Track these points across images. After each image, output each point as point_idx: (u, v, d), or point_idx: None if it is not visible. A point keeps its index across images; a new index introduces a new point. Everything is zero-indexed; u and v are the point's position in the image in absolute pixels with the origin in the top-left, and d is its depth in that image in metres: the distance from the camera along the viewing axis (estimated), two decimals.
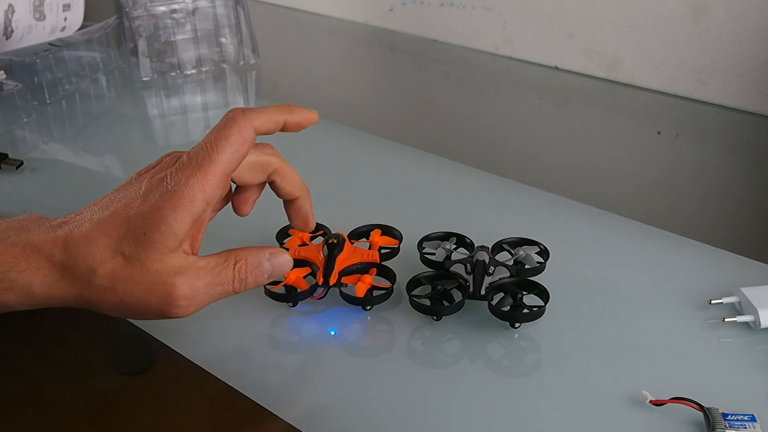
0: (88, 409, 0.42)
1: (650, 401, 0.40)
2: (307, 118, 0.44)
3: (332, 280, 0.47)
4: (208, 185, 0.40)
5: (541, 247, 0.50)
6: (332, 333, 0.47)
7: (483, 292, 0.46)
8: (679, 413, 0.40)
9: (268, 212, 0.59)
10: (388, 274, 0.49)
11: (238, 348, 0.46)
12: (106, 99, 0.86)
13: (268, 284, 0.48)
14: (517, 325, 0.46)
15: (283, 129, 0.44)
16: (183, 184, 0.39)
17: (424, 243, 0.51)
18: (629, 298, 0.49)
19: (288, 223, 0.53)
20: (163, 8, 0.85)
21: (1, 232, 0.41)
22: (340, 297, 0.48)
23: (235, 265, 0.41)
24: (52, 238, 0.40)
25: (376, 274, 0.49)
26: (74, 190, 0.64)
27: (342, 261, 0.48)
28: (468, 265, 0.48)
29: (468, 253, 0.50)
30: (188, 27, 0.87)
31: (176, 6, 0.86)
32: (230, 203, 0.46)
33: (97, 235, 0.39)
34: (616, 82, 0.87)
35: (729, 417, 0.39)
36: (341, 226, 0.52)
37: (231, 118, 0.41)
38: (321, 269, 0.48)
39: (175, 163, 0.40)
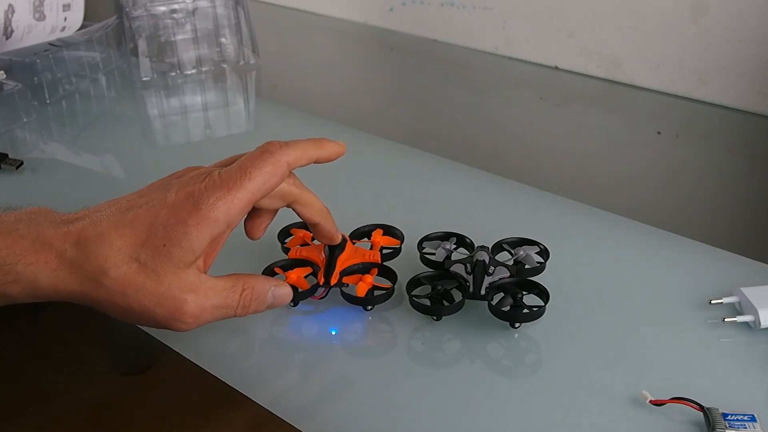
0: (88, 409, 0.42)
1: (650, 401, 0.40)
2: (337, 152, 0.45)
3: (333, 280, 0.47)
4: (233, 209, 0.40)
5: (541, 247, 0.50)
6: (333, 333, 0.47)
7: (483, 292, 0.46)
8: (679, 413, 0.40)
9: None
10: (389, 275, 0.49)
11: (239, 348, 0.46)
12: (106, 99, 0.86)
13: None
14: (517, 325, 0.46)
15: (315, 162, 0.45)
16: (211, 203, 0.39)
17: (424, 243, 0.51)
18: (629, 298, 0.49)
19: (289, 222, 0.54)
20: (163, 8, 0.85)
21: (10, 224, 0.41)
22: (341, 297, 0.48)
23: (242, 292, 0.42)
24: (63, 234, 0.40)
25: (377, 274, 0.49)
26: (74, 190, 0.64)
27: (343, 261, 0.48)
28: (468, 265, 0.48)
29: (468, 253, 0.51)
30: (188, 27, 0.87)
31: (176, 6, 0.86)
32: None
33: (114, 236, 0.39)
34: (616, 82, 0.87)
35: (729, 417, 0.39)
36: (343, 226, 0.52)
37: (267, 150, 0.42)
38: (322, 269, 0.48)
39: (204, 180, 0.41)
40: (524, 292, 0.47)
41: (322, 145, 0.44)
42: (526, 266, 0.49)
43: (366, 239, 0.52)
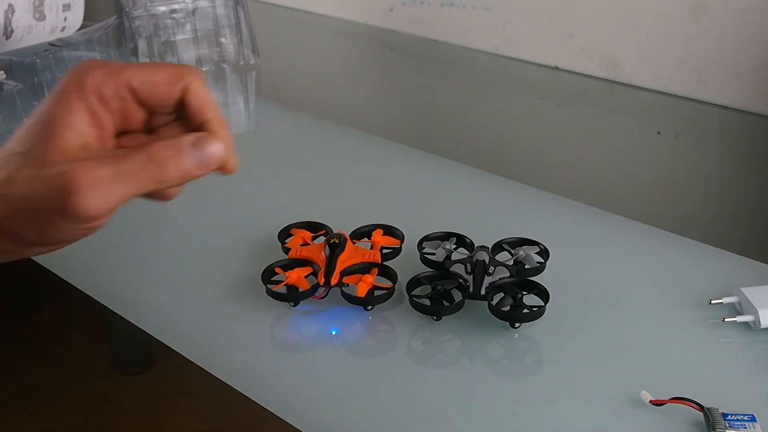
0: (88, 409, 0.42)
1: (650, 401, 0.40)
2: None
3: (334, 280, 0.47)
4: (99, 74, 0.37)
5: (541, 247, 0.50)
6: (333, 333, 0.47)
7: (483, 292, 0.46)
8: (679, 413, 0.40)
9: (269, 212, 0.59)
10: (390, 274, 0.49)
11: (239, 348, 0.46)
12: None
13: (270, 284, 0.48)
14: (517, 325, 0.46)
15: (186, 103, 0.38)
16: (76, 73, 0.37)
17: (424, 243, 0.51)
18: (629, 298, 0.49)
19: (289, 223, 0.54)
20: (163, 8, 0.85)
21: None
22: (342, 297, 0.48)
23: (149, 149, 0.36)
24: None
25: (377, 274, 0.49)
26: None
27: (343, 261, 0.48)
28: (468, 265, 0.48)
29: (468, 253, 0.50)
30: (188, 27, 0.87)
31: (176, 6, 0.86)
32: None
33: (4, 147, 0.37)
34: (616, 82, 0.87)
35: (729, 417, 0.39)
36: (343, 226, 0.52)
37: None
38: (322, 269, 0.48)
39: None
40: (524, 292, 0.47)
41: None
42: (526, 266, 0.49)
43: (366, 239, 0.52)
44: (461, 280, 0.47)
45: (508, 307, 0.46)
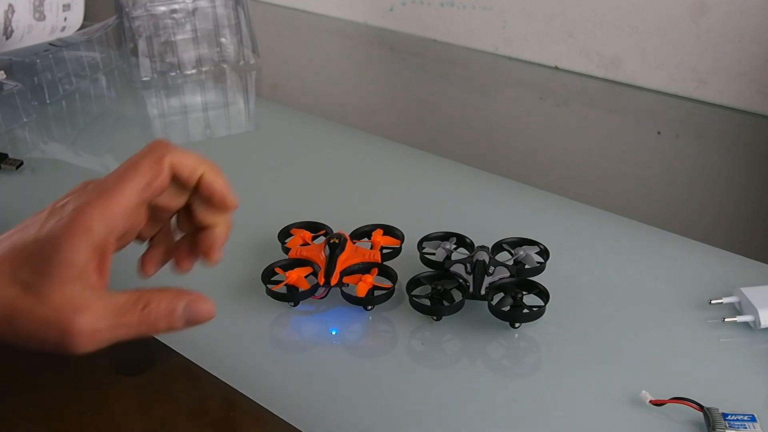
0: (88, 409, 0.42)
1: (650, 401, 0.40)
2: (224, 193, 0.41)
3: (334, 280, 0.47)
4: (109, 214, 0.37)
5: (541, 247, 0.50)
6: (333, 333, 0.47)
7: (483, 292, 0.46)
8: (679, 413, 0.40)
9: (269, 212, 0.59)
10: (390, 274, 0.49)
11: (239, 348, 0.46)
12: (106, 99, 0.86)
13: (270, 284, 0.48)
14: (517, 325, 0.46)
15: (200, 187, 0.40)
16: (81, 211, 0.37)
17: (424, 243, 0.51)
18: (629, 298, 0.49)
19: (289, 223, 0.54)
20: (163, 8, 0.85)
21: None
22: (342, 297, 0.48)
23: (144, 308, 0.37)
24: None
25: (377, 274, 0.49)
26: None
27: (343, 261, 0.48)
28: (468, 265, 0.48)
29: (468, 253, 0.51)
30: (188, 27, 0.87)
31: (176, 6, 0.86)
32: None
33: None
34: (616, 82, 0.87)
35: (729, 417, 0.39)
36: (343, 226, 0.52)
37: (149, 147, 0.39)
38: (322, 269, 0.48)
39: (77, 191, 0.38)
40: (524, 292, 0.47)
41: (213, 167, 0.41)
42: (526, 266, 0.49)
43: (366, 239, 0.52)
44: (461, 280, 0.47)
45: (508, 307, 0.46)
